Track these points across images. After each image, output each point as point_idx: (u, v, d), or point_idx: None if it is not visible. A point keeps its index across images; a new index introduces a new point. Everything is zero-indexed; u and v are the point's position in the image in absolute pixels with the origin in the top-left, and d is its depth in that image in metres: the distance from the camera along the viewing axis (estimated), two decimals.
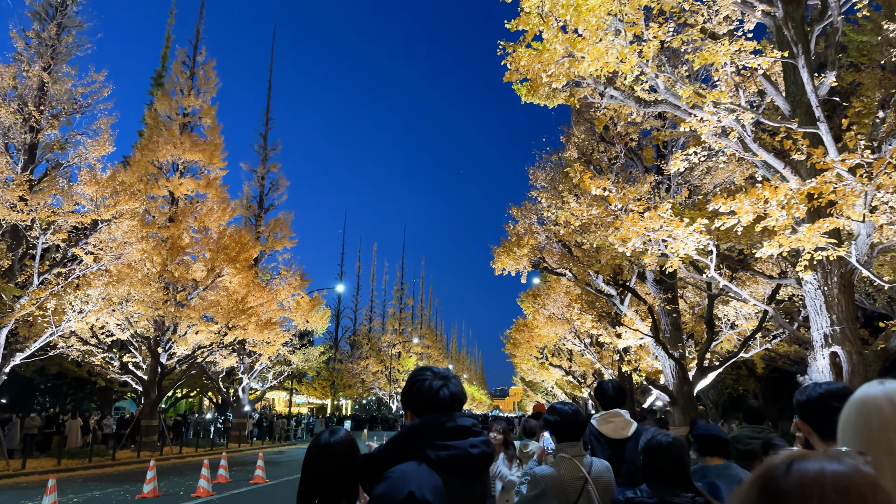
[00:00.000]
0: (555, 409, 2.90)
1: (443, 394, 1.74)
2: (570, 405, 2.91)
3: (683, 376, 13.84)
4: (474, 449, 1.65)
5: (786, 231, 6.20)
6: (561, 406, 2.90)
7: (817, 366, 7.19)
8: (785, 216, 5.98)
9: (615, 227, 7.88)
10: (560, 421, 2.84)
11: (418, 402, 1.74)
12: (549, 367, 30.98)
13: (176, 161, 25.15)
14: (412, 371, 1.89)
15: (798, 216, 6.08)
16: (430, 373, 1.82)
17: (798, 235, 6.05)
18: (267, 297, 24.80)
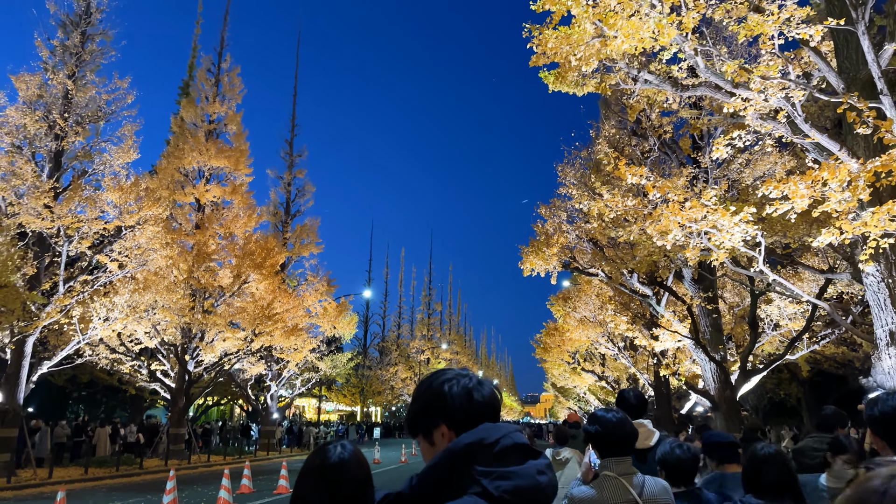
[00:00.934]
0: (596, 417, 2.39)
1: (480, 396, 1.27)
2: (615, 412, 2.39)
3: (725, 380, 13.08)
4: (542, 476, 1.16)
5: (848, 216, 5.55)
6: (603, 414, 2.38)
7: (882, 366, 6.50)
8: (849, 197, 5.34)
9: (653, 219, 7.29)
10: (602, 432, 2.33)
11: (454, 410, 1.25)
12: (582, 373, 30.19)
13: (202, 168, 25.16)
14: (428, 375, 1.39)
15: (862, 198, 5.43)
16: (454, 372, 1.34)
17: (863, 219, 5.40)
18: (293, 303, 24.58)
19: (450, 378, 1.30)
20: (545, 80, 9.00)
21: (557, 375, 37.35)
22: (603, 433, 2.33)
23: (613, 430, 2.32)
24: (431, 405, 1.29)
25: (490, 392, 1.29)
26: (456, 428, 1.23)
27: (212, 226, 23.37)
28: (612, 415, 2.36)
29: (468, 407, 1.25)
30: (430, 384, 1.32)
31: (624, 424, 2.34)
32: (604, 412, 2.38)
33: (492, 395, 1.29)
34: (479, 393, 1.27)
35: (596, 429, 2.35)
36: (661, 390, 19.77)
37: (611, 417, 2.34)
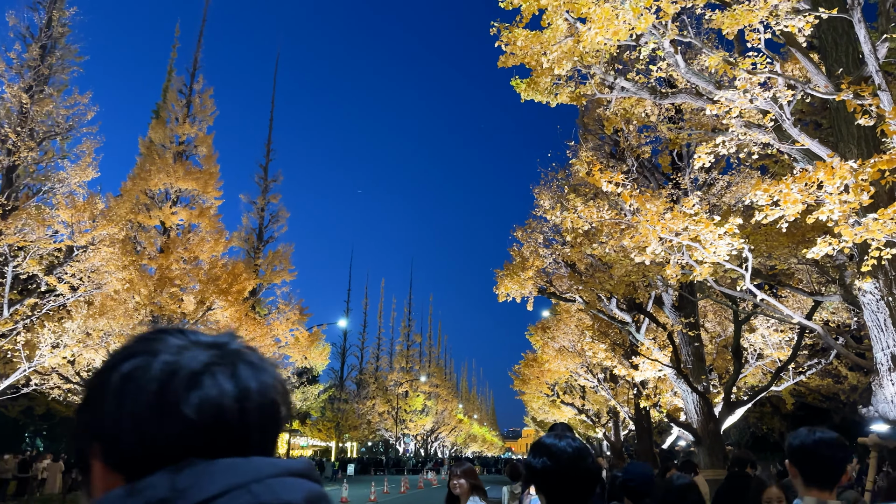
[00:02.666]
0: (542, 446, 1.64)
1: (202, 399, 0.56)
2: (569, 438, 1.64)
3: (709, 412, 12.37)
4: None
5: (848, 220, 4.94)
6: (553, 442, 1.63)
7: (884, 394, 5.83)
8: (850, 199, 4.72)
9: (630, 230, 6.66)
10: (551, 468, 1.58)
11: (119, 426, 0.56)
12: (561, 405, 29.30)
13: (169, 190, 24.29)
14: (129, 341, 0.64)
15: (863, 201, 4.83)
16: (179, 340, 0.62)
17: (866, 224, 4.79)
18: (260, 332, 23.53)
19: (151, 351, 0.58)
20: (517, 88, 8.44)
21: (537, 409, 36.39)
22: (553, 469, 1.59)
23: (569, 464, 1.58)
24: (86, 408, 0.58)
25: (234, 390, 0.57)
26: (121, 465, 0.51)
27: (176, 250, 22.40)
28: (565, 443, 1.61)
29: (160, 420, 0.52)
30: (108, 363, 0.59)
31: (584, 457, 1.60)
32: (554, 439, 1.64)
33: (235, 396, 0.56)
34: (203, 390, 0.55)
35: (543, 462, 1.60)
36: (642, 424, 18.99)
37: (563, 446, 1.60)
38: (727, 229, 6.32)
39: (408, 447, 65.97)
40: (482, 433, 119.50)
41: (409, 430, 63.45)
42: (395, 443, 62.01)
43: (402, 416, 61.53)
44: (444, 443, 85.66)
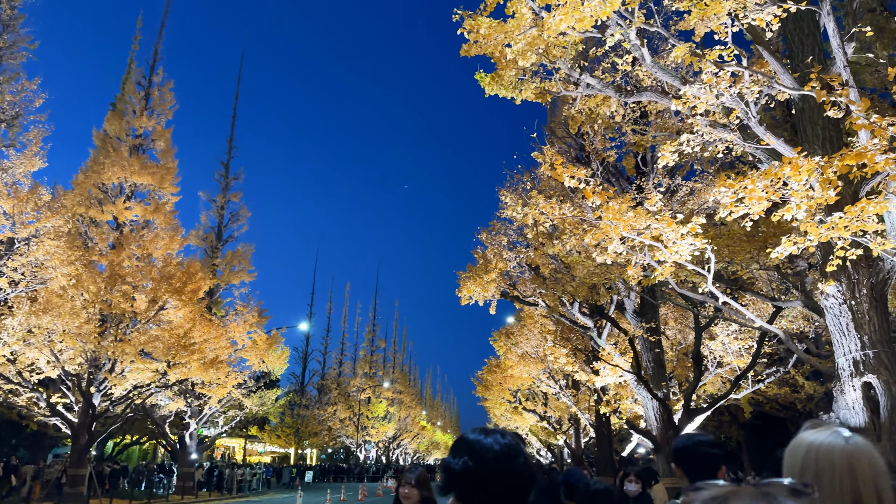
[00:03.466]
0: (466, 443, 1.30)
1: None
2: (498, 434, 1.31)
3: (668, 419, 12.25)
4: None
5: (814, 218, 4.76)
6: (478, 438, 1.29)
7: (846, 400, 5.69)
8: (818, 194, 4.54)
9: (592, 227, 6.42)
10: (472, 471, 1.24)
11: None
12: (523, 412, 29.12)
13: (123, 184, 23.39)
14: None
15: (829, 199, 4.66)
16: None
17: (833, 220, 4.61)
18: (215, 333, 22.75)
19: None
20: (481, 82, 8.19)
21: (499, 416, 36.14)
22: (475, 471, 1.25)
23: (494, 465, 1.25)
24: None
25: None
26: None
27: (129, 246, 21.53)
28: (492, 439, 1.29)
29: None
30: None
31: (514, 456, 1.27)
32: (479, 434, 1.31)
33: None
34: None
35: (464, 463, 1.27)
36: (603, 431, 18.89)
37: (490, 443, 1.27)
38: (690, 229, 6.13)
39: (369, 454, 65.06)
40: (445, 440, 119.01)
41: (370, 437, 62.61)
42: (356, 450, 61.07)
43: (363, 422, 60.68)
44: (406, 450, 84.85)
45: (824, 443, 1.27)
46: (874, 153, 4.18)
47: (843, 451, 1.24)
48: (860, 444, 1.26)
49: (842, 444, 1.25)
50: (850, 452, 1.24)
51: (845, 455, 1.23)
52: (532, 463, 1.30)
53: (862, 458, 1.24)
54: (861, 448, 1.26)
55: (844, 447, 1.24)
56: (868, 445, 1.28)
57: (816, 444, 1.27)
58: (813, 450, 1.27)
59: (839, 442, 1.26)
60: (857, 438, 1.27)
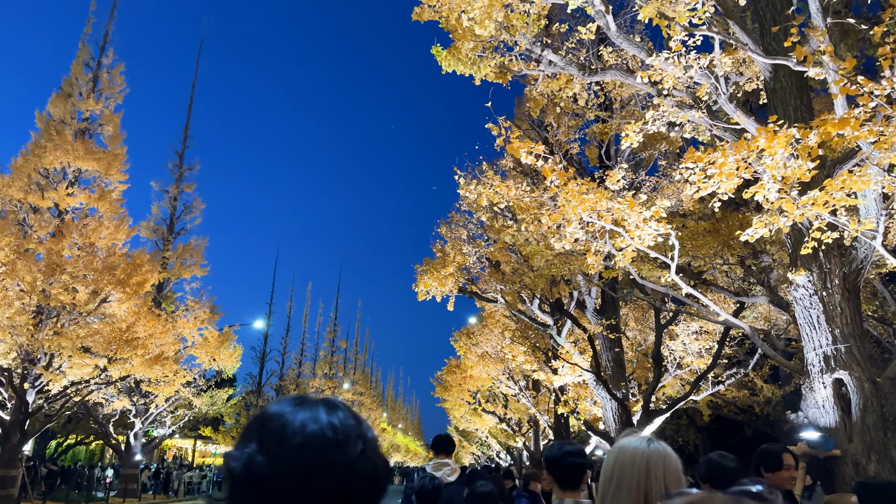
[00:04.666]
0: (265, 418, 0.72)
1: None
2: (322, 409, 0.73)
3: (627, 421, 11.87)
4: None
5: (791, 192, 4.30)
6: (279, 412, 0.72)
7: (815, 398, 5.28)
8: (797, 164, 4.09)
9: (549, 211, 5.90)
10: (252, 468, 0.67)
11: None
12: (483, 414, 28.65)
13: (66, 169, 22.12)
14: None
15: (803, 176, 4.22)
16: None
17: (811, 197, 4.17)
18: (161, 328, 21.64)
19: None
20: (437, 56, 7.62)
21: (459, 417, 35.65)
22: (264, 470, 0.68)
23: (301, 461, 0.68)
24: None
25: None
26: None
27: (70, 234, 20.31)
28: (306, 415, 0.71)
29: None
30: None
31: (341, 445, 0.70)
32: (289, 406, 0.73)
33: None
34: None
35: (250, 457, 0.69)
36: (561, 433, 18.51)
37: (301, 423, 0.69)
38: (654, 213, 5.67)
39: None
40: (406, 443, 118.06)
41: None
42: None
43: None
44: None
45: (630, 446, 1.52)
46: (857, 121, 3.76)
47: (644, 454, 1.48)
48: (659, 449, 1.50)
49: (644, 448, 1.49)
50: (649, 455, 1.48)
51: (644, 457, 1.47)
52: (381, 458, 0.72)
53: (657, 460, 1.48)
54: (658, 451, 1.50)
55: (646, 450, 1.49)
56: (666, 450, 1.52)
57: (625, 447, 1.52)
58: (622, 452, 1.52)
59: (642, 446, 1.50)
60: (657, 444, 1.51)
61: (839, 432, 5.02)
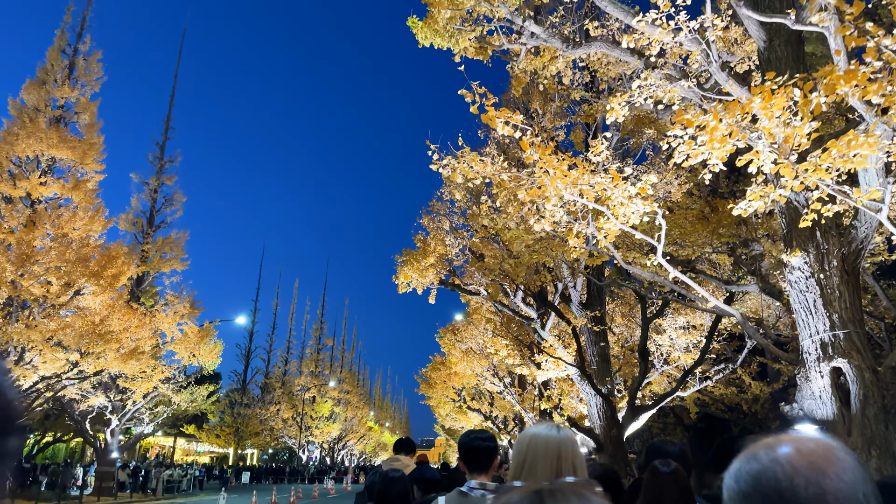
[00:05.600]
0: None
1: None
2: None
3: (612, 417, 11.49)
4: None
5: (790, 157, 3.89)
6: None
7: (812, 388, 4.88)
8: (797, 123, 3.68)
9: (527, 185, 5.47)
10: None
11: None
12: (468, 412, 28.26)
13: (39, 158, 21.46)
14: None
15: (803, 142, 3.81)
16: None
17: (812, 162, 3.76)
18: (137, 322, 21.03)
19: None
20: (413, 28, 7.24)
21: (445, 416, 35.26)
22: None
23: None
24: None
25: None
26: None
27: (42, 225, 19.67)
28: None
29: None
30: None
31: None
32: None
33: None
34: None
35: None
36: None
37: None
38: (640, 189, 5.25)
39: (312, 455, 63.23)
40: (393, 442, 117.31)
41: (314, 438, 60.80)
42: (299, 450, 59.23)
43: (307, 422, 58.87)
44: (352, 451, 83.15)
45: (543, 433, 1.71)
46: (864, 75, 3.35)
47: (555, 439, 1.69)
48: (568, 435, 1.71)
49: (555, 434, 1.69)
50: (559, 440, 1.69)
51: (555, 441, 1.68)
52: None
53: (567, 444, 1.69)
54: (568, 436, 1.71)
55: (556, 436, 1.69)
56: (573, 437, 1.72)
57: (538, 433, 1.72)
58: (535, 438, 1.70)
59: (553, 433, 1.70)
60: (566, 431, 1.72)
61: (837, 425, 4.63)
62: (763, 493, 0.80)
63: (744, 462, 0.85)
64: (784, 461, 0.79)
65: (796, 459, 0.78)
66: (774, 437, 0.82)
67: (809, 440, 0.80)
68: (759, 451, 0.83)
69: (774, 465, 0.80)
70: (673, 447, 2.86)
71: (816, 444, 0.79)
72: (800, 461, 0.78)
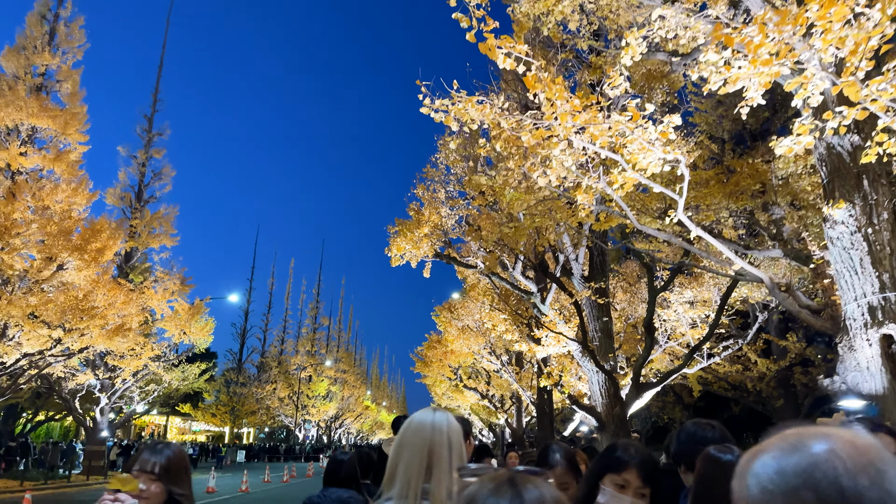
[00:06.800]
0: None
1: None
2: None
3: (615, 395, 10.93)
4: None
5: (856, 73, 3.21)
6: None
7: (857, 359, 4.26)
8: (870, 25, 3.00)
9: (530, 127, 4.77)
10: None
11: None
12: (464, 390, 27.80)
13: (19, 127, 20.61)
14: None
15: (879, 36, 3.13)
16: None
17: (889, 74, 3.09)
18: (124, 298, 20.38)
19: None
20: None
21: (440, 394, 34.84)
22: None
23: None
24: None
25: None
26: None
27: (22, 197, 18.90)
28: None
29: None
30: None
31: None
32: None
33: None
34: None
35: None
36: (544, 409, 17.61)
37: None
38: (660, 133, 4.57)
39: (308, 433, 63.12)
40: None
41: (310, 416, 60.67)
42: (295, 429, 59.08)
43: (303, 401, 58.66)
44: (349, 429, 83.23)
45: (417, 417, 1.77)
46: None
47: (431, 420, 1.75)
48: (445, 415, 1.79)
49: (430, 416, 1.76)
50: (434, 420, 1.75)
51: (429, 422, 1.74)
52: None
53: (442, 423, 1.74)
54: (445, 417, 1.77)
55: (433, 417, 1.76)
56: (448, 416, 1.80)
57: (412, 418, 1.78)
58: (409, 423, 1.76)
59: (428, 415, 1.77)
60: (442, 412, 1.80)
61: (888, 400, 4.02)
62: (818, 491, 0.69)
63: (783, 453, 0.74)
64: (843, 455, 0.69)
65: (854, 455, 0.69)
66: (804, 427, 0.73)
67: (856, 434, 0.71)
68: (803, 442, 0.73)
69: (833, 458, 0.70)
70: (712, 432, 2.49)
71: (864, 439, 0.71)
72: (858, 458, 0.69)
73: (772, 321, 18.31)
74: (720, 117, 18.27)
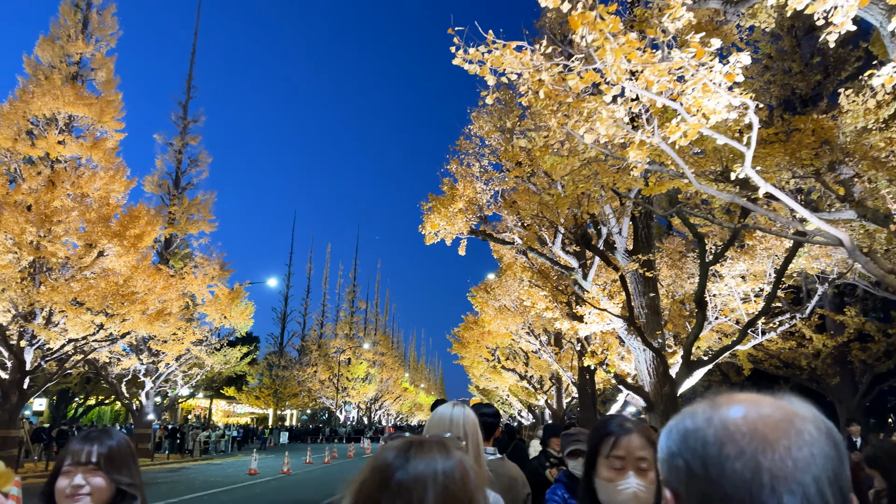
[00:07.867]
0: None
1: None
2: None
3: (664, 373, 10.39)
4: None
5: None
6: None
7: None
8: None
9: (578, 70, 4.27)
10: None
11: None
12: (502, 371, 27.44)
13: (56, 116, 20.83)
14: None
15: None
16: None
17: None
18: (164, 284, 20.56)
19: None
20: None
21: (478, 376, 34.58)
22: None
23: None
24: None
25: None
26: None
27: (61, 185, 19.13)
28: None
29: None
30: None
31: None
32: None
33: None
34: None
35: None
36: (586, 390, 17.13)
37: None
38: (725, 75, 4.02)
39: (349, 415, 63.92)
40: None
41: (350, 398, 61.40)
42: (336, 410, 59.86)
43: (343, 383, 59.35)
44: (388, 411, 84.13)
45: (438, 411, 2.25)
46: None
47: (449, 413, 2.21)
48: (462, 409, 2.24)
49: (449, 410, 2.22)
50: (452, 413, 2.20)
51: (448, 414, 2.19)
52: None
53: (459, 416, 2.18)
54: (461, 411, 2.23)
55: (451, 411, 2.21)
56: (466, 409, 2.26)
57: (434, 413, 2.27)
58: (431, 417, 2.26)
59: (448, 409, 2.23)
60: (460, 406, 2.27)
61: None
62: (685, 457, 0.67)
63: (680, 418, 0.72)
64: (721, 423, 0.66)
65: (737, 423, 0.65)
66: (736, 393, 0.68)
67: (772, 403, 0.65)
68: (700, 408, 0.71)
69: (707, 426, 0.67)
70: None
71: (776, 409, 0.64)
72: (741, 426, 0.64)
73: (826, 295, 17.38)
74: (767, 83, 17.27)
